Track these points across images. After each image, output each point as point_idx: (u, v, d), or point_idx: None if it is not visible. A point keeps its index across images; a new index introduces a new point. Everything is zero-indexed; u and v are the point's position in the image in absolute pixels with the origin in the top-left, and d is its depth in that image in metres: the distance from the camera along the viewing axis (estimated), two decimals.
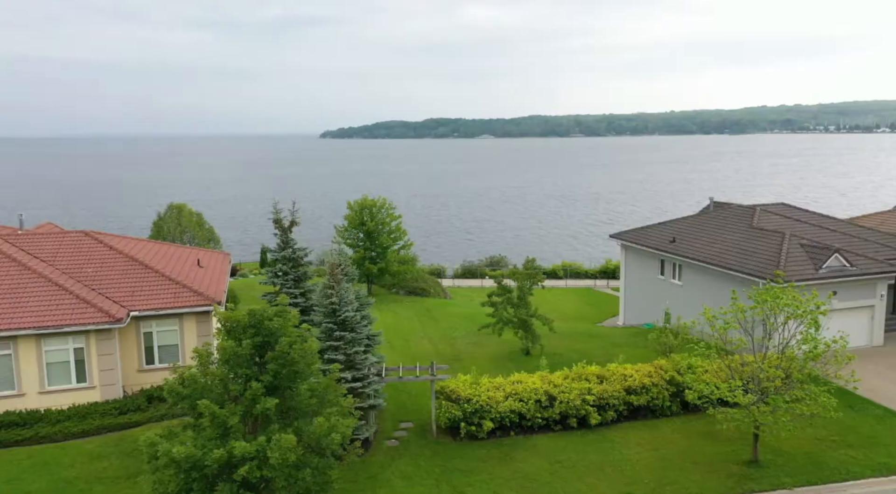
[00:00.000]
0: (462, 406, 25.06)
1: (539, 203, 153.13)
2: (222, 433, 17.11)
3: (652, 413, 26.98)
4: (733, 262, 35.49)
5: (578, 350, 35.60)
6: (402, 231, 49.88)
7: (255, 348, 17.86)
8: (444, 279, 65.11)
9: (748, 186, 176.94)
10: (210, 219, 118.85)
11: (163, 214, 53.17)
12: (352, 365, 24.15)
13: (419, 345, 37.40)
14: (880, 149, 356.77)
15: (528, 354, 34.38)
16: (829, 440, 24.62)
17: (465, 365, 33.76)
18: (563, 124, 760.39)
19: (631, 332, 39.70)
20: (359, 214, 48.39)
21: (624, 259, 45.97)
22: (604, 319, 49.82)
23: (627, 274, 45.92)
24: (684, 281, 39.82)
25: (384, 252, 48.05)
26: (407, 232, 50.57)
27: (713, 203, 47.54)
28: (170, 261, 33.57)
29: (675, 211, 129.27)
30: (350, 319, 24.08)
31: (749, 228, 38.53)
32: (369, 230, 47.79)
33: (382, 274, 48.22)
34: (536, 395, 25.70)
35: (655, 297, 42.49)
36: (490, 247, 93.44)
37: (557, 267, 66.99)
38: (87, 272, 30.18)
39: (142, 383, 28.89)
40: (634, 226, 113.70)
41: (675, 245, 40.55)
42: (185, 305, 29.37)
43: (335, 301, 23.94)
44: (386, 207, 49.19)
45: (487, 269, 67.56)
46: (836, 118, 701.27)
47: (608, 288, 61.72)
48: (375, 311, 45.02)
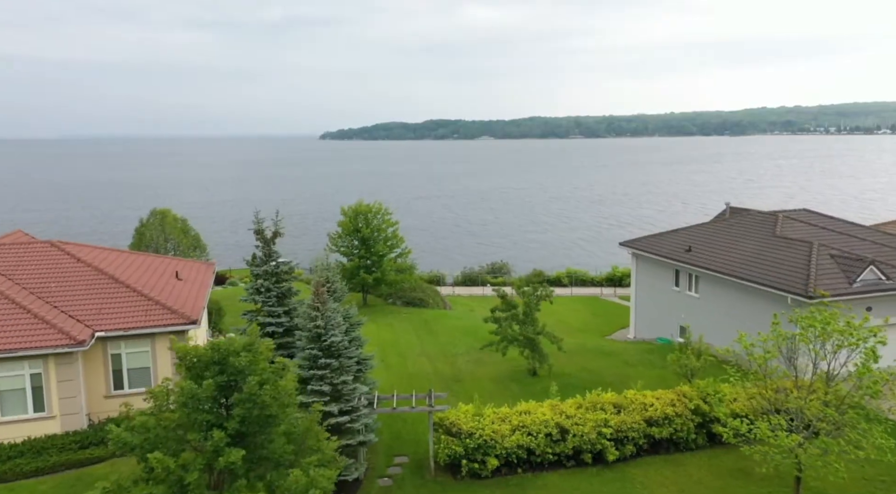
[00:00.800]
0: (463, 441, 22.26)
1: (542, 205, 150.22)
2: (178, 491, 14.35)
3: (675, 447, 24.20)
4: (757, 274, 32.71)
5: (589, 369, 32.83)
6: (399, 238, 47.04)
7: (219, 389, 15.08)
8: (443, 287, 62.37)
9: (753, 188, 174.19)
10: (207, 222, 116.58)
11: (145, 220, 50.24)
12: (339, 397, 21.36)
13: (417, 363, 34.62)
14: (882, 150, 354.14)
15: (534, 375, 31.59)
16: (879, 480, 21.85)
17: (466, 387, 31.02)
18: (562, 125, 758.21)
19: (644, 349, 36.91)
20: (353, 220, 45.59)
21: (635, 268, 43.20)
22: (613, 331, 47.05)
23: (639, 285, 43.15)
24: (701, 293, 37.04)
25: (380, 260, 45.27)
26: (404, 239, 47.74)
27: (729, 208, 44.79)
28: (144, 274, 30.78)
29: (682, 214, 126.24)
30: (337, 345, 21.28)
31: (772, 237, 35.76)
32: (364, 237, 45.01)
33: (378, 283, 45.44)
34: (547, 428, 22.90)
35: (669, 310, 39.74)
36: (491, 252, 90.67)
37: (562, 275, 64.20)
38: (50, 287, 27.39)
39: (109, 410, 26.07)
40: (640, 229, 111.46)
41: (692, 254, 37.79)
42: (157, 324, 26.60)
43: (320, 324, 21.14)
44: (382, 213, 46.37)
45: (489, 276, 64.81)
46: (836, 119, 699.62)
47: (615, 297, 58.95)
48: (370, 324, 42.38)
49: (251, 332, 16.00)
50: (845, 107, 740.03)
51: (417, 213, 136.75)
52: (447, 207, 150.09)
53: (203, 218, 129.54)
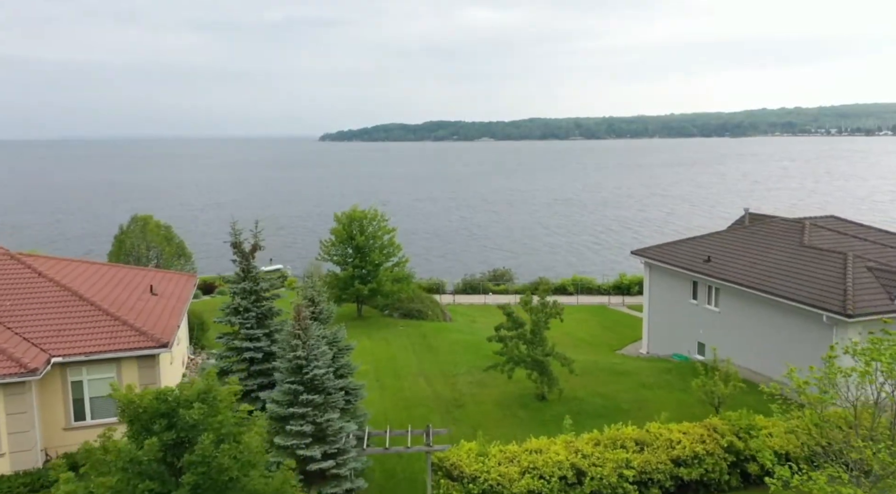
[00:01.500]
0: (466, 486, 19.44)
1: (545, 208, 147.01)
2: None
3: (706, 489, 21.36)
4: (786, 288, 29.88)
5: (602, 393, 30.00)
6: (397, 246, 44.14)
7: (168, 448, 12.28)
8: (443, 295, 59.55)
9: (760, 190, 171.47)
10: (199, 225, 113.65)
11: (125, 227, 47.32)
12: (323, 437, 18.55)
13: (414, 386, 31.78)
14: (887, 151, 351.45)
15: (543, 399, 28.76)
16: None
17: (468, 413, 28.22)
18: (562, 127, 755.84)
19: (661, 367, 34.07)
20: (347, 228, 42.72)
21: (648, 278, 40.38)
22: (623, 345, 44.26)
23: (652, 297, 40.33)
24: (722, 307, 34.21)
25: (376, 270, 42.41)
26: (402, 246, 44.84)
27: (748, 214, 41.98)
28: (114, 290, 27.97)
29: (690, 217, 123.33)
30: (321, 377, 18.47)
31: (799, 247, 32.93)
32: (359, 245, 42.16)
33: (374, 295, 42.59)
34: (561, 470, 20.08)
35: (686, 325, 36.92)
36: (494, 258, 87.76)
37: (567, 282, 61.26)
38: (4, 305, 24.57)
39: (69, 444, 23.21)
40: (647, 233, 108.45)
41: (711, 265, 34.97)
42: (123, 347, 23.80)
43: (301, 354, 18.33)
44: (378, 219, 43.51)
45: (491, 284, 61.97)
46: (836, 121, 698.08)
47: (623, 306, 56.10)
48: (365, 339, 39.53)
49: (208, 376, 13.18)
50: (845, 108, 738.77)
51: (417, 216, 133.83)
52: (448, 210, 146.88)
53: (195, 221, 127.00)
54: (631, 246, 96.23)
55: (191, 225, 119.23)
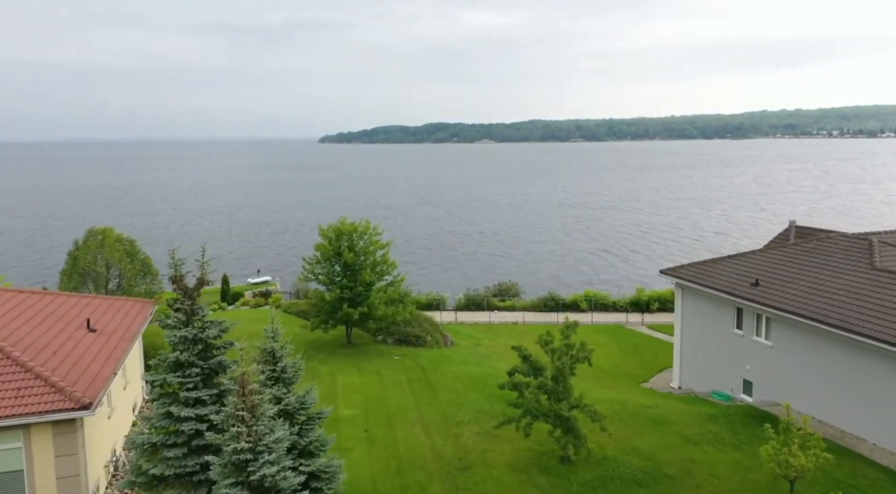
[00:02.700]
0: None
1: (551, 212, 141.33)
2: None
3: None
4: (862, 323, 24.50)
5: (638, 450, 24.61)
6: (391, 263, 38.65)
7: None
8: (443, 311, 54.26)
9: (773, 194, 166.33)
10: (206, 229, 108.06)
11: (80, 242, 41.69)
12: None
13: (410, 438, 26.37)
14: (894, 153, 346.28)
15: (568, 461, 23.37)
16: None
17: (475, 478, 22.88)
18: (563, 128, 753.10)
19: (704, 413, 28.60)
20: (334, 243, 37.23)
21: (681, 302, 35.01)
22: (651, 375, 38.94)
23: (686, 323, 34.98)
24: (776, 340, 28.84)
25: (367, 290, 36.98)
26: (397, 264, 39.34)
27: (794, 228, 36.65)
28: (36, 328, 22.58)
29: (706, 220, 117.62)
30: (272, 478, 13.09)
31: (870, 269, 27.58)
32: (347, 263, 36.74)
33: (366, 319, 37.16)
34: None
35: (729, 358, 31.58)
36: (498, 268, 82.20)
37: (579, 298, 55.97)
38: None
39: None
40: (662, 239, 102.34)
41: (760, 289, 29.61)
42: (32, 411, 18.44)
43: (244, 446, 12.96)
44: (370, 233, 38.08)
45: (495, 300, 56.61)
46: (837, 122, 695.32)
47: (643, 326, 50.70)
48: (353, 374, 34.00)
49: None
50: (846, 110, 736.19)
51: (416, 222, 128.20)
52: (451, 214, 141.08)
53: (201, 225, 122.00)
54: (648, 255, 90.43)
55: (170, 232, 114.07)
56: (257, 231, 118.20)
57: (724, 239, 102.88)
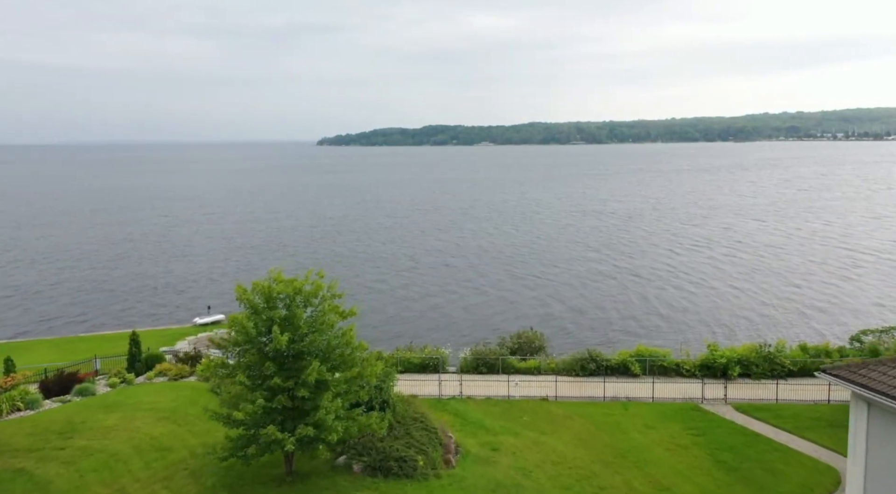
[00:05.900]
0: None
1: (569, 223, 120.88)
2: None
3: None
4: None
5: None
6: (357, 345, 23.41)
7: None
8: (443, 375, 39.58)
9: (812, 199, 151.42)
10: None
11: None
12: None
13: None
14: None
15: None
16: None
17: None
18: (563, 131, 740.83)
19: None
20: (264, 315, 22.22)
21: (867, 422, 20.11)
22: None
23: (872, 454, 20.08)
24: None
25: (315, 395, 22.00)
26: (367, 345, 23.95)
27: None
28: None
29: (757, 235, 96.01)
30: None
31: None
32: (279, 350, 21.75)
33: (313, 442, 22.15)
34: None
35: None
36: (515, 307, 62.89)
37: (628, 357, 40.84)
38: None
39: None
40: (708, 253, 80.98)
41: None
42: None
43: None
44: (326, 298, 22.99)
45: (514, 359, 41.71)
46: (839, 125, 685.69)
47: (727, 406, 35.63)
48: None
49: None
50: (848, 112, 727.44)
51: (409, 236, 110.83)
52: (454, 224, 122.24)
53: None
54: (709, 287, 66.66)
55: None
56: (224, 246, 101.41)
57: (774, 248, 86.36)
